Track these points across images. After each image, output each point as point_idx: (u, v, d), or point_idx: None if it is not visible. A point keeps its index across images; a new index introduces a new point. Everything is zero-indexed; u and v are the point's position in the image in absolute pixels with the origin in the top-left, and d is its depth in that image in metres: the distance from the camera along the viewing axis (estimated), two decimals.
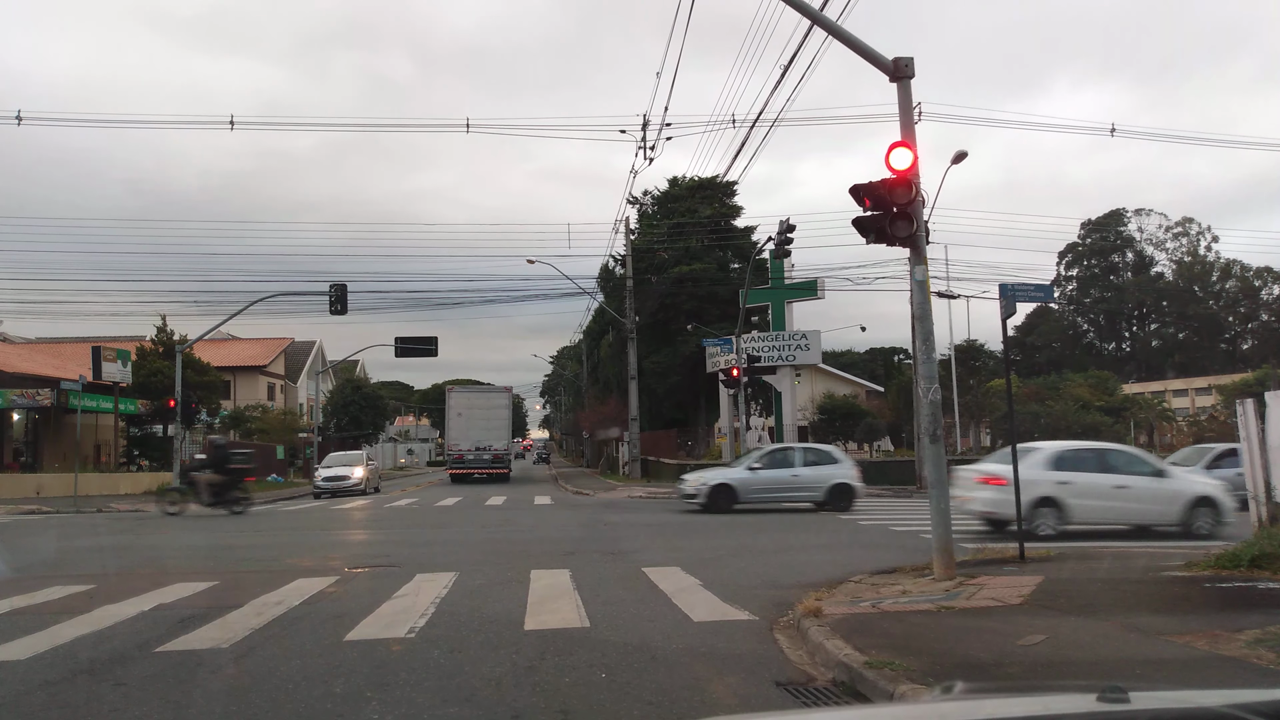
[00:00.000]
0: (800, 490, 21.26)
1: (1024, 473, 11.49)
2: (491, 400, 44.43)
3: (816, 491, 21.11)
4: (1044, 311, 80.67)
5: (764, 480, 21.17)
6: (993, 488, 14.33)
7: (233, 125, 26.82)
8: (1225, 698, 1.90)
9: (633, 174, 48.80)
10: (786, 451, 22.75)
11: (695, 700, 5.38)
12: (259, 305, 31.25)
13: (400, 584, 10.01)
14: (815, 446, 23.67)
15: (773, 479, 21.20)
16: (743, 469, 21.82)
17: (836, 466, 21.64)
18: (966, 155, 27.32)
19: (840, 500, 20.94)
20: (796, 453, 22.38)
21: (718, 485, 21.15)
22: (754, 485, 21.08)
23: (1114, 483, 14.80)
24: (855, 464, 22.58)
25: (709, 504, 20.79)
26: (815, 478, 21.22)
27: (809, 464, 21.62)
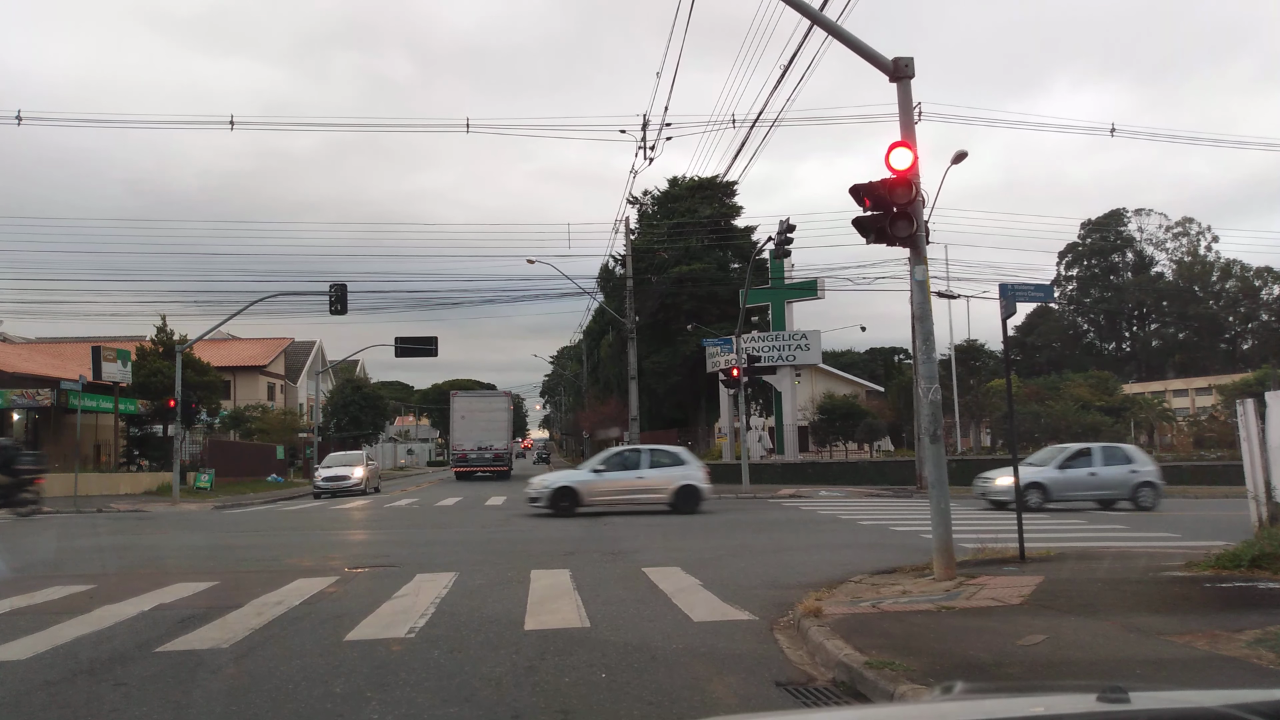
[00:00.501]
0: (646, 493, 20.86)
1: None
2: (492, 404, 47.13)
3: (663, 494, 20.78)
4: (1044, 311, 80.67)
5: (608, 483, 20.83)
6: None
7: (233, 125, 26.81)
8: (1225, 698, 1.90)
9: (633, 174, 48.80)
10: (634, 453, 22.27)
11: (695, 700, 5.38)
12: (259, 305, 31.25)
13: (400, 584, 10.01)
14: (664, 448, 23.28)
15: (617, 481, 20.87)
16: (587, 471, 21.57)
17: (684, 468, 21.30)
18: (966, 155, 27.32)
19: (687, 502, 20.64)
20: (644, 454, 21.91)
21: (560, 488, 20.79)
22: (598, 488, 20.75)
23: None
24: (704, 465, 22.31)
25: (551, 507, 20.46)
26: (661, 480, 20.88)
27: (656, 466, 21.28)
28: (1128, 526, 16.90)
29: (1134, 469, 21.20)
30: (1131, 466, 21.29)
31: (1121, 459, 21.43)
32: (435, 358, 49.30)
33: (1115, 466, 21.14)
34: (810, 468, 34.55)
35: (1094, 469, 21.02)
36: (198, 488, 32.36)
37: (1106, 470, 21.04)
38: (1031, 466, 22.00)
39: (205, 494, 31.32)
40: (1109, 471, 21.01)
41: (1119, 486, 20.96)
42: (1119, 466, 21.12)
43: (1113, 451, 22.09)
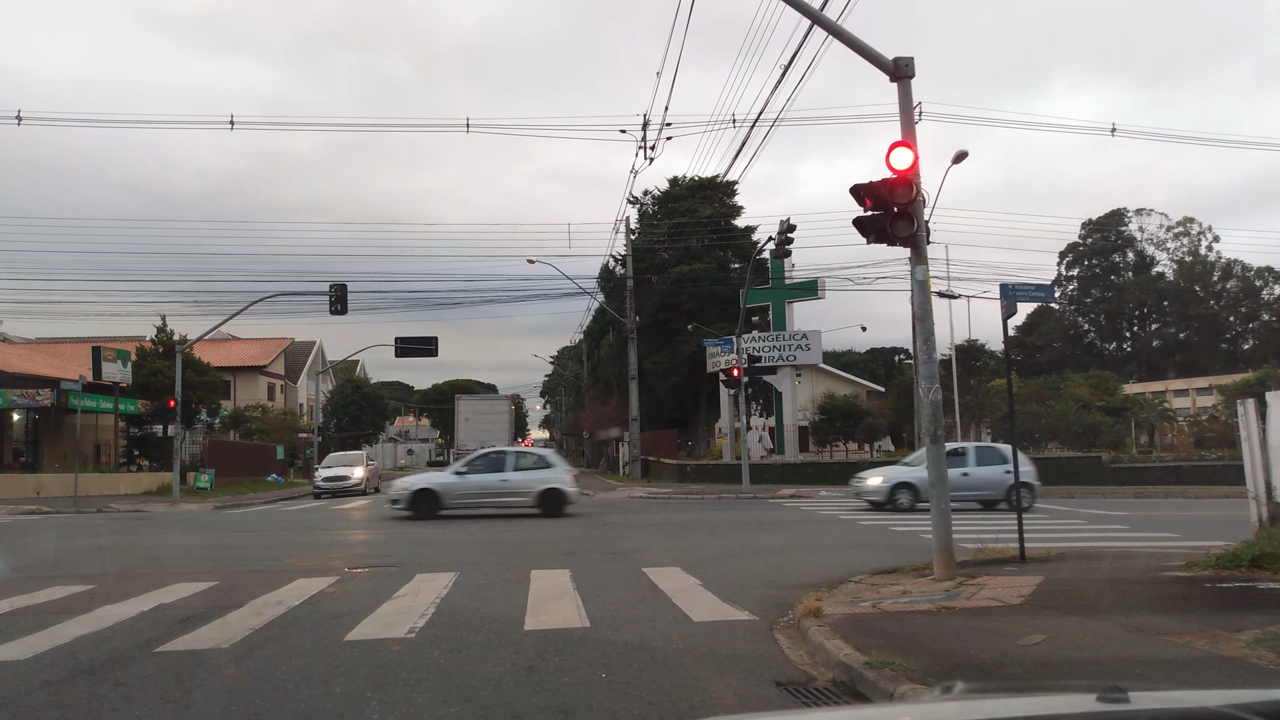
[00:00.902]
0: (510, 495, 20.67)
1: None
2: (494, 407, 52.11)
3: (526, 497, 20.58)
4: (1045, 311, 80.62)
5: (472, 485, 20.62)
6: None
7: (233, 125, 26.84)
8: (1225, 698, 1.90)
9: (633, 174, 48.92)
10: (500, 456, 21.98)
11: (695, 700, 5.38)
12: (259, 305, 31.26)
13: (400, 584, 10.01)
14: (531, 451, 22.97)
15: (481, 484, 20.65)
16: (449, 473, 21.36)
17: (550, 471, 21.13)
18: (967, 155, 27.34)
19: (551, 506, 20.43)
20: (510, 457, 21.74)
21: (420, 490, 20.56)
22: (460, 490, 20.57)
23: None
24: (571, 469, 22.11)
25: (411, 509, 20.21)
26: (526, 482, 20.69)
27: (522, 469, 21.12)
28: (1128, 527, 16.90)
29: (1009, 469, 20.79)
30: (1007, 466, 20.63)
31: (997, 459, 21.18)
32: (435, 358, 49.54)
33: (990, 466, 20.87)
34: (810, 468, 34.55)
35: (967, 469, 20.71)
36: (198, 488, 32.36)
37: (980, 470, 20.81)
38: (904, 466, 21.96)
39: (205, 494, 31.32)
40: (983, 471, 20.78)
41: (994, 487, 20.69)
42: (994, 466, 20.88)
43: (988, 451, 21.94)
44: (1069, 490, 26.52)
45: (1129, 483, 29.03)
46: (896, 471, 21.77)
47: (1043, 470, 29.56)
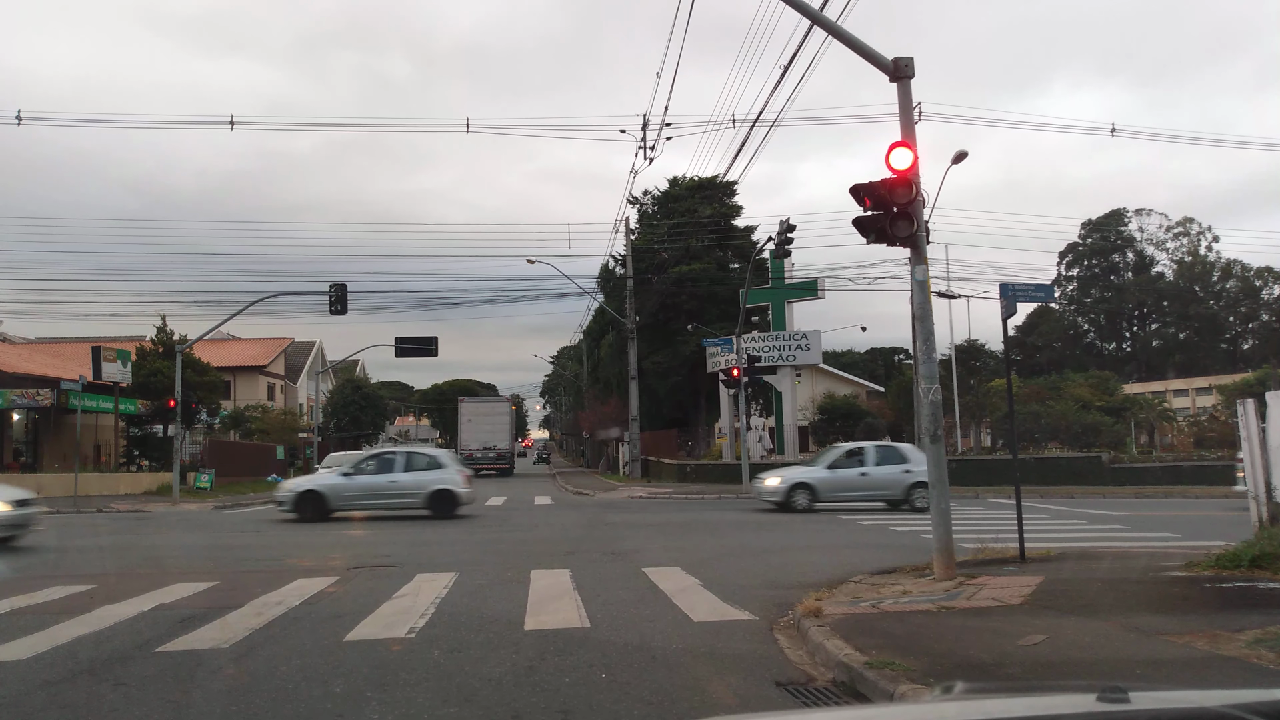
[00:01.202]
0: (398, 496, 20.37)
1: None
2: (495, 408, 53.96)
3: (415, 498, 20.31)
4: (1044, 311, 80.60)
5: (359, 486, 20.34)
6: None
7: (233, 125, 26.84)
8: (1225, 698, 1.90)
9: (633, 174, 48.88)
10: (390, 456, 21.59)
11: (695, 700, 5.38)
12: (259, 305, 31.24)
13: (400, 584, 10.01)
14: (422, 451, 22.71)
15: (368, 485, 20.37)
16: (338, 474, 20.91)
17: (441, 472, 20.75)
18: (966, 155, 27.33)
19: (441, 507, 20.16)
20: (400, 458, 21.34)
21: (304, 492, 20.29)
22: (347, 491, 20.25)
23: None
24: (463, 469, 21.69)
25: (296, 511, 19.94)
26: (415, 484, 20.43)
27: (412, 469, 20.80)
28: (1127, 527, 16.90)
29: (908, 469, 20.77)
30: (905, 466, 20.92)
31: (896, 459, 21.18)
32: (435, 358, 49.63)
33: (888, 466, 20.91)
34: None
35: (866, 469, 20.84)
36: (198, 488, 32.34)
37: (879, 470, 20.87)
38: (803, 467, 21.93)
39: (205, 494, 31.31)
40: (881, 471, 20.84)
41: (892, 486, 20.77)
42: (892, 466, 20.88)
43: (888, 451, 21.92)
44: (1069, 490, 26.52)
45: (1129, 483, 29.03)
46: (794, 472, 21.76)
47: (1043, 470, 29.66)
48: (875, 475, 20.91)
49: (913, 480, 20.47)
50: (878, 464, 21.11)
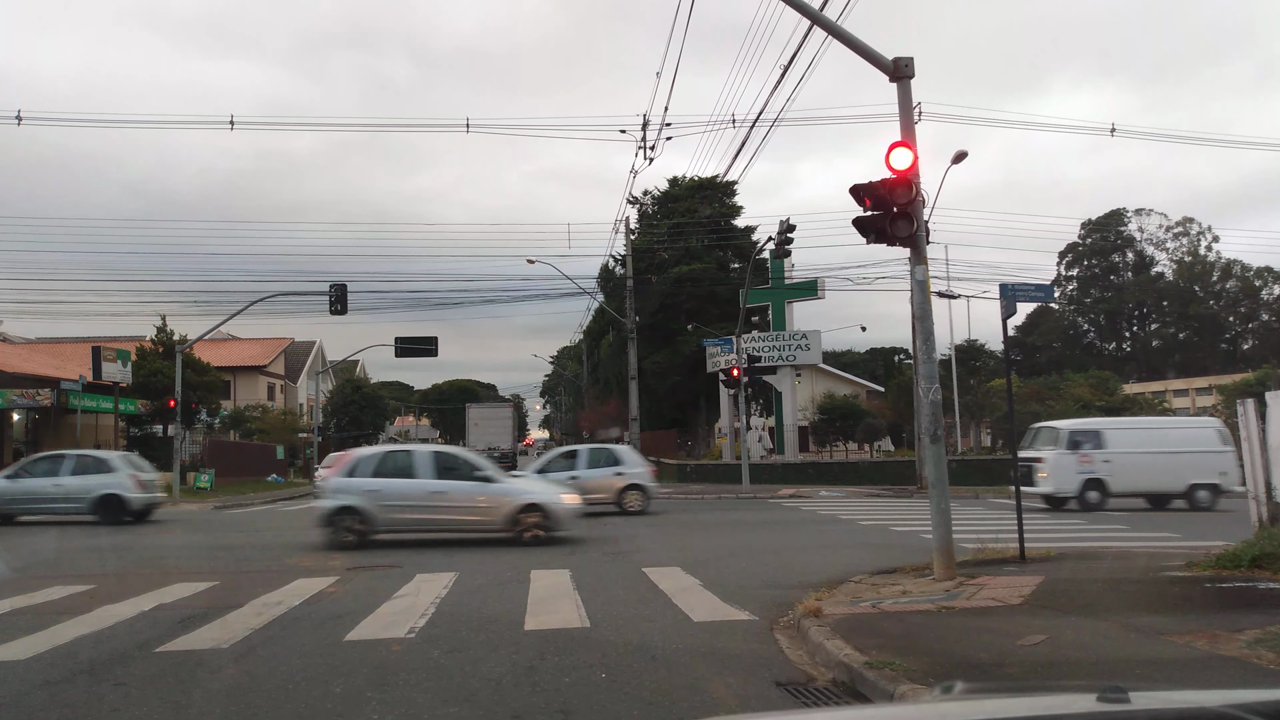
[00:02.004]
0: (63, 501, 19.68)
1: None
2: (499, 413, 58.74)
3: (81, 503, 19.64)
4: (1044, 311, 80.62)
5: (21, 490, 19.80)
6: None
7: (233, 125, 26.84)
8: (1225, 698, 1.90)
9: (633, 174, 48.74)
10: (58, 458, 20.73)
11: (695, 700, 5.38)
12: (259, 305, 31.26)
13: (400, 584, 10.01)
14: (90, 453, 21.94)
15: (31, 489, 19.80)
16: (1, 478, 20.39)
17: (110, 476, 19.98)
18: (966, 155, 27.30)
19: (110, 512, 19.48)
20: (69, 460, 20.51)
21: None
22: (8, 496, 19.72)
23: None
24: (139, 473, 20.73)
25: None
26: (81, 487, 19.76)
27: (80, 472, 20.13)
28: (1127, 526, 16.90)
29: (619, 471, 20.72)
30: (618, 469, 20.79)
31: (609, 461, 20.99)
32: (435, 358, 49.63)
33: (601, 469, 20.66)
34: (810, 468, 34.53)
35: (577, 472, 20.25)
36: (198, 488, 32.34)
37: (591, 473, 20.42)
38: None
39: (205, 494, 31.30)
40: (592, 474, 20.36)
41: (603, 490, 20.13)
42: (604, 469, 20.65)
43: (600, 453, 21.75)
44: None
45: None
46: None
47: None
48: (586, 478, 20.07)
49: (625, 484, 20.43)
50: (590, 467, 20.72)
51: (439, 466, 14.40)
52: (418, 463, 14.47)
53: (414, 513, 14.06)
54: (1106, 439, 20.61)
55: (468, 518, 14.17)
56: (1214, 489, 20.49)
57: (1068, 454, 20.70)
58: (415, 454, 14.98)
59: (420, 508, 14.00)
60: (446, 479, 14.18)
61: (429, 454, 14.98)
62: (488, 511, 14.08)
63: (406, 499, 13.95)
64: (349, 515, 13.80)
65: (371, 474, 14.24)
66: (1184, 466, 20.50)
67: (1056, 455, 20.95)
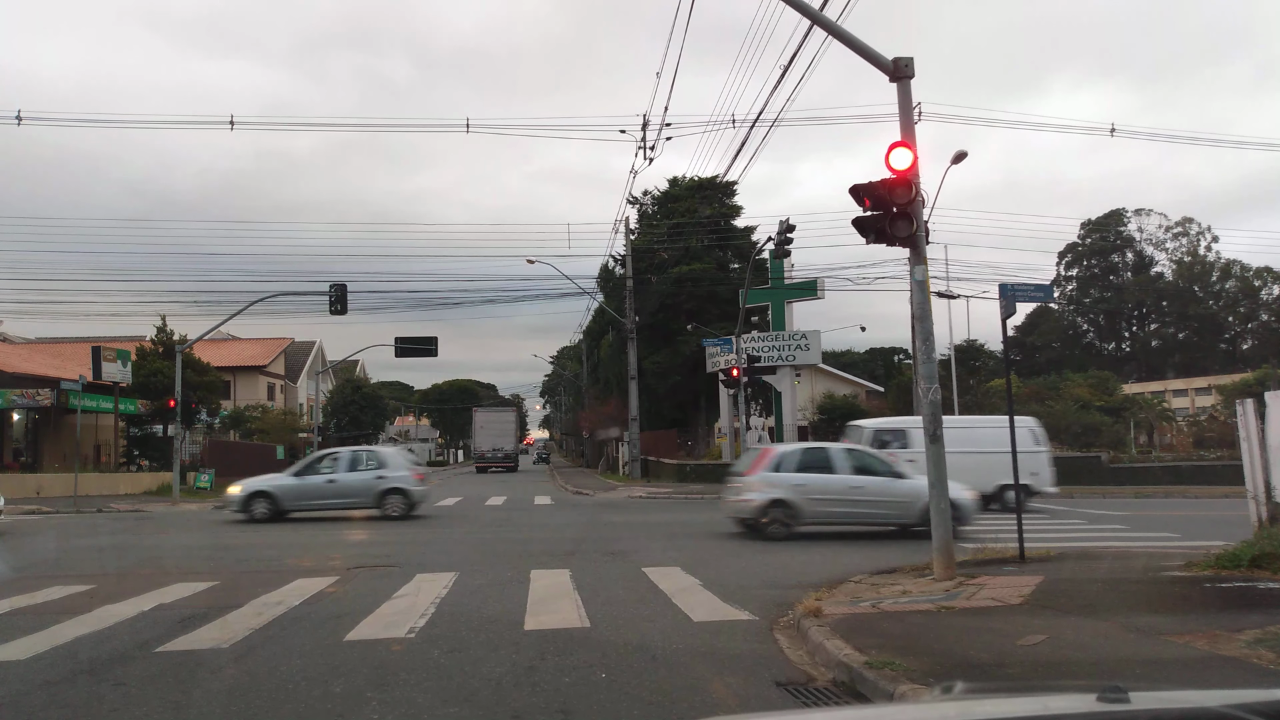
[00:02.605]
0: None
1: None
2: (503, 416, 63.05)
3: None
4: (1044, 311, 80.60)
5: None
6: None
7: (233, 125, 26.85)
8: (1225, 698, 1.90)
9: (633, 174, 48.85)
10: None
11: (695, 700, 5.38)
12: (259, 305, 31.24)
13: (400, 584, 10.01)
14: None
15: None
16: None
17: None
18: (966, 155, 27.29)
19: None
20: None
21: None
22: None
23: None
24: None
25: None
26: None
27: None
28: (1127, 526, 16.91)
29: (381, 474, 20.25)
30: (379, 472, 20.36)
31: (370, 463, 20.62)
32: (435, 358, 49.72)
33: (360, 473, 20.20)
34: None
35: (335, 476, 20.01)
36: (198, 488, 32.33)
37: (349, 477, 20.09)
38: (264, 476, 21.27)
39: (205, 494, 31.29)
40: (351, 478, 20.07)
41: (363, 494, 20.00)
42: (365, 472, 20.22)
43: (361, 455, 21.34)
44: (1069, 490, 26.47)
45: (1128, 483, 29.03)
46: (256, 481, 20.61)
47: None
48: (344, 482, 20.01)
49: (385, 487, 19.96)
50: (349, 469, 20.35)
51: (854, 463, 15.35)
52: (835, 459, 15.38)
53: (835, 505, 14.94)
54: (912, 438, 20.14)
55: (881, 511, 15.01)
56: (1024, 489, 19.72)
57: None
58: (831, 450, 15.96)
59: (840, 501, 14.88)
60: (862, 475, 15.11)
61: (844, 451, 15.98)
62: (899, 506, 14.87)
63: (828, 492, 14.82)
64: (779, 508, 14.68)
65: (795, 469, 15.07)
66: (994, 466, 19.58)
67: None
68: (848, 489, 14.85)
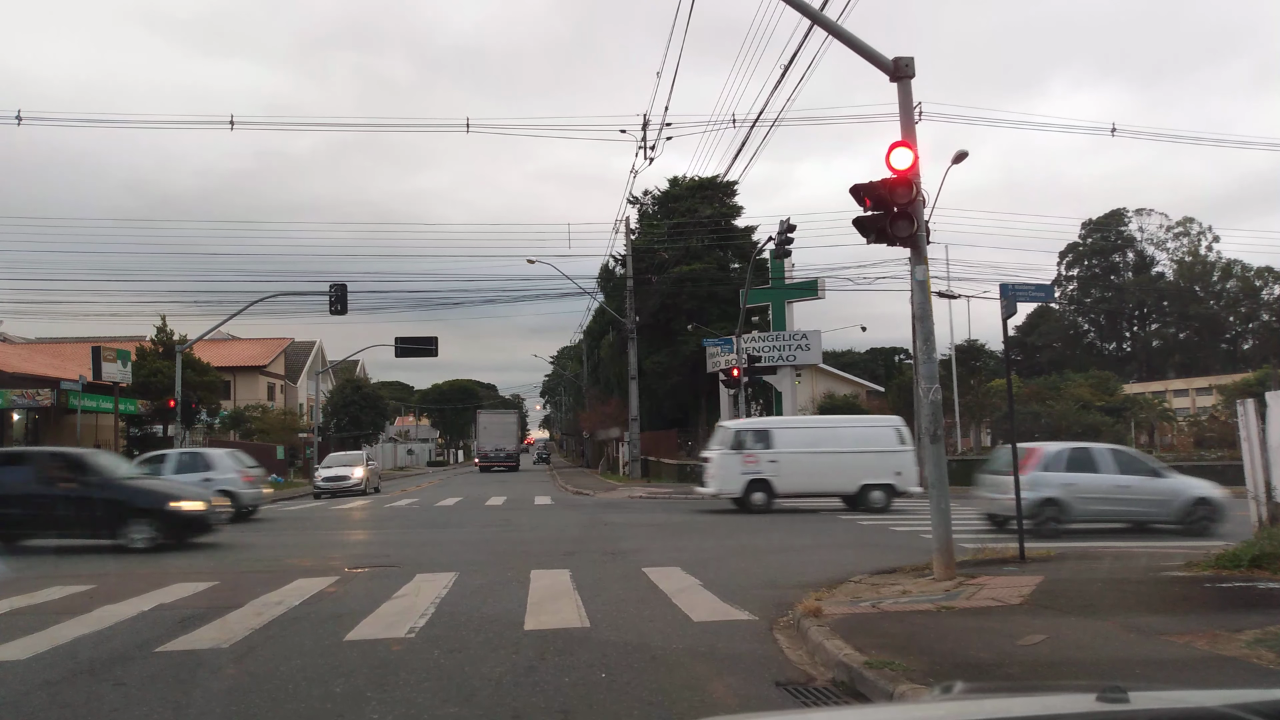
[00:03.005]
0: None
1: None
2: (505, 418, 67.49)
3: None
4: (1045, 311, 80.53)
5: None
6: None
7: (233, 125, 26.80)
8: (1225, 698, 1.90)
9: (633, 174, 48.70)
10: None
11: (695, 700, 5.38)
12: (259, 305, 31.28)
13: (400, 584, 10.01)
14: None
15: None
16: None
17: None
18: (967, 155, 27.26)
19: None
20: None
21: None
22: None
23: None
24: None
25: None
26: None
27: None
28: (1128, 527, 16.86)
29: (208, 477, 19.33)
30: (206, 474, 19.54)
31: (196, 465, 20.05)
32: (435, 358, 49.82)
33: (187, 474, 19.26)
34: None
35: (161, 479, 18.10)
36: None
37: (176, 479, 18.26)
38: None
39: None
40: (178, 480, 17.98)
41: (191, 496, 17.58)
42: (191, 474, 19.32)
43: (189, 458, 20.76)
44: None
45: None
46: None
47: None
48: None
49: (213, 490, 17.67)
50: (176, 472, 19.65)
51: (1118, 463, 15.57)
52: (1099, 459, 15.59)
53: (1101, 504, 15.20)
54: (775, 438, 20.14)
55: (1143, 509, 15.37)
56: (889, 489, 20.03)
57: (732, 454, 20.11)
58: (1095, 451, 16.20)
59: (1107, 499, 15.15)
60: (1126, 474, 15.38)
61: (1108, 451, 16.29)
62: (1163, 505, 15.20)
63: (1096, 492, 15.08)
64: (1051, 506, 14.98)
65: (1064, 468, 15.29)
66: (857, 466, 19.87)
67: (721, 455, 20.38)
68: (1114, 488, 15.12)
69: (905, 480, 20.33)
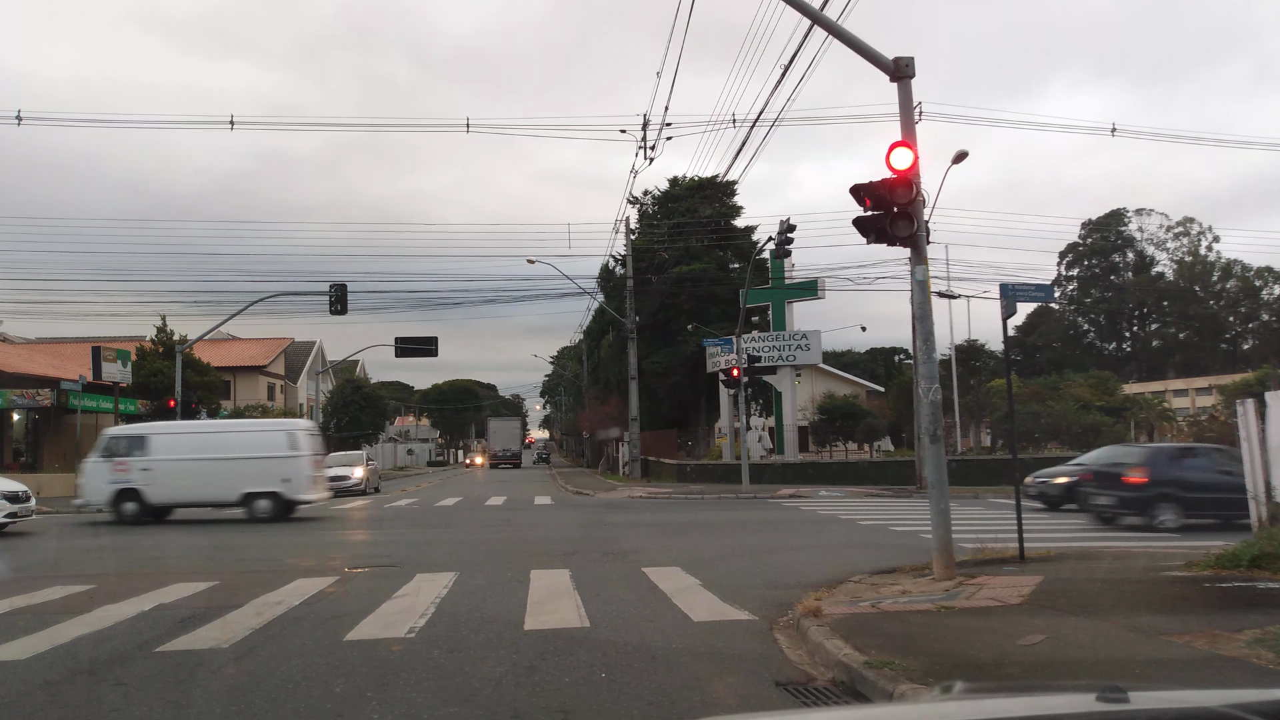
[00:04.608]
0: None
1: None
2: (512, 424, 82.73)
3: None
4: (1044, 311, 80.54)
5: None
6: None
7: (233, 126, 26.79)
8: (1225, 698, 1.90)
9: (633, 174, 48.75)
10: None
11: (695, 700, 5.38)
12: (259, 305, 31.28)
13: (400, 584, 10.01)
14: None
15: None
16: None
17: None
18: (967, 155, 27.25)
19: None
20: None
21: None
22: None
23: None
24: None
25: None
26: None
27: None
28: (1127, 527, 16.87)
29: None
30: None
31: None
32: (435, 358, 49.82)
33: None
34: (810, 468, 34.52)
35: None
36: None
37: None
38: None
39: None
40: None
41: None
42: None
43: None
44: None
45: None
46: None
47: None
48: None
49: None
50: None
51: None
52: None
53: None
54: (152, 445, 19.24)
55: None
56: (275, 497, 19.23)
57: (103, 462, 19.14)
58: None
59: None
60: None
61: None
62: None
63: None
64: None
65: None
66: (239, 474, 19.01)
67: (92, 463, 19.32)
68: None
69: (294, 488, 19.48)
